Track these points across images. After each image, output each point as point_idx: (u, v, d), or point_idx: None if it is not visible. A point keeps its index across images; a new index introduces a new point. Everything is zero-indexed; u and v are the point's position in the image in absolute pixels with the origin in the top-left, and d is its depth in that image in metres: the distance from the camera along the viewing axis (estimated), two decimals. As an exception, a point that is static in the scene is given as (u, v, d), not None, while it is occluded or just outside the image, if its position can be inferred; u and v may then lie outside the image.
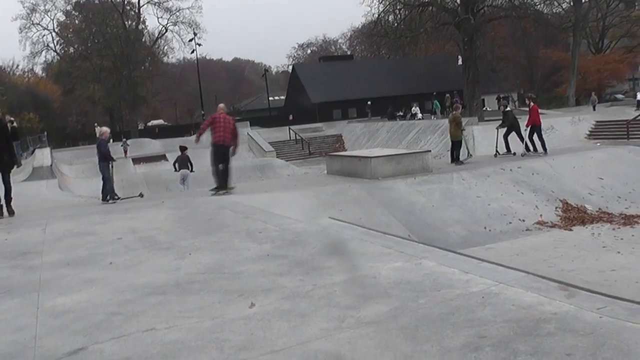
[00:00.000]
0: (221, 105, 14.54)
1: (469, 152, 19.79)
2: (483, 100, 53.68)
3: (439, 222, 12.95)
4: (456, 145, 18.91)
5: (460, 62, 51.32)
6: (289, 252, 6.55)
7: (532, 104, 19.85)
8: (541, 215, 13.67)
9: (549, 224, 13.29)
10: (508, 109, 20.64)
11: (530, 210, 13.85)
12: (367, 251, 6.30)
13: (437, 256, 5.96)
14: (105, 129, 15.05)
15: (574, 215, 13.81)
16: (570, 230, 12.98)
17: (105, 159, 14.47)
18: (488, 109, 57.05)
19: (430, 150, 18.77)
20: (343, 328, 4.13)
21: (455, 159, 18.66)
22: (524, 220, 13.38)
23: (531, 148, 19.04)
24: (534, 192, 14.80)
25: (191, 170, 21.60)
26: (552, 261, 10.17)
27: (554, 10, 56.14)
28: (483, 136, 30.29)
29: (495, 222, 13.15)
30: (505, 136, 19.59)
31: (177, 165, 21.84)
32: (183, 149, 21.99)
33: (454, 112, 19.38)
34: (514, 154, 19.21)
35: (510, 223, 13.23)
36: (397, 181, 14.81)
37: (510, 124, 19.51)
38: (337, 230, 7.63)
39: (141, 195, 16.03)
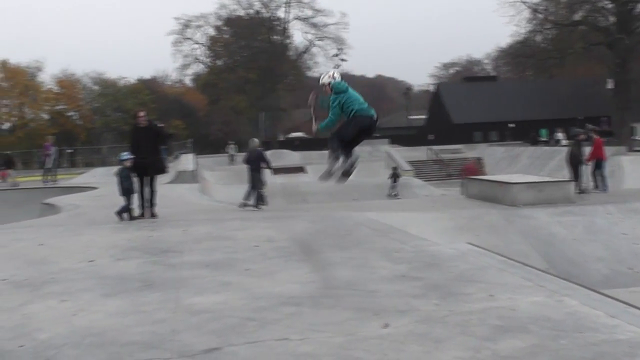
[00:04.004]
0: None
1: None
2: (632, 128, 50.42)
3: (579, 258, 12.30)
4: None
5: (610, 85, 48.33)
6: (425, 274, 6.43)
7: (595, 137, 19.11)
8: (695, 261, 12.60)
9: None
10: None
11: (684, 255, 12.78)
12: (505, 281, 6.06)
13: (580, 295, 5.61)
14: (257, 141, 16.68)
15: None
16: None
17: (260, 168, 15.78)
18: (638, 137, 53.50)
19: (575, 180, 17.91)
20: (478, 359, 3.98)
21: None
22: (675, 265, 12.38)
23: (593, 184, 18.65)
24: (689, 234, 13.64)
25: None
26: None
27: None
28: (632, 167, 28.63)
29: (642, 264, 12.26)
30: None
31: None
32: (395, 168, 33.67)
33: None
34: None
35: (658, 266, 12.28)
36: (538, 210, 14.26)
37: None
38: (475, 257, 7.41)
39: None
